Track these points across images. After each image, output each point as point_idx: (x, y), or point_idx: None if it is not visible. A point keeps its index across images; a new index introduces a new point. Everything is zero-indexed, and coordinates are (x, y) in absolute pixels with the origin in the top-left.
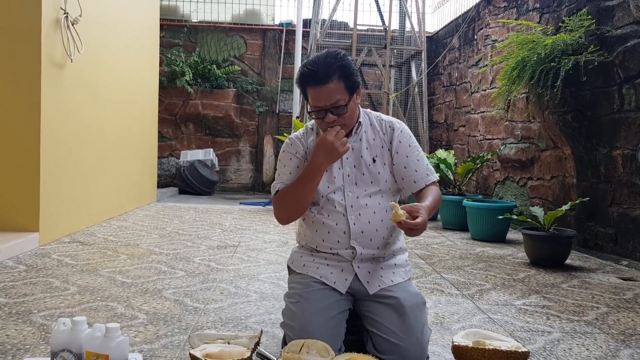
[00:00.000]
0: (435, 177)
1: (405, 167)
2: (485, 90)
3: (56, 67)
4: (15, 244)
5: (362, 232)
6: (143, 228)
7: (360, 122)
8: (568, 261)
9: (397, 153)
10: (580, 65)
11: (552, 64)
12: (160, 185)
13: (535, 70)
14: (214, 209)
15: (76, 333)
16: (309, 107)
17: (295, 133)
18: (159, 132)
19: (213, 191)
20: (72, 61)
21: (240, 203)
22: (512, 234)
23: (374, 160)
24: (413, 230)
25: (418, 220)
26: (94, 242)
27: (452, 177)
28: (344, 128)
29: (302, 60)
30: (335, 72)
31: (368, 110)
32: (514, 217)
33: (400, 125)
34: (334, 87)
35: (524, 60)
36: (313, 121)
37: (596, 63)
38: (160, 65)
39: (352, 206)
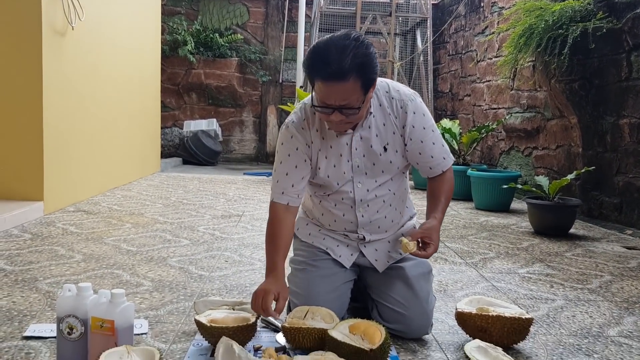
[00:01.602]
0: (452, 159)
1: (420, 153)
2: (491, 58)
3: (57, 34)
4: (20, 213)
5: (371, 222)
6: (147, 197)
7: (370, 112)
8: (572, 230)
9: (411, 139)
10: (589, 32)
11: (560, 31)
12: (164, 155)
13: (543, 37)
14: (217, 179)
15: (81, 299)
16: (314, 98)
17: (294, 119)
18: (161, 102)
19: (217, 162)
20: (73, 29)
21: (244, 173)
22: (516, 204)
23: (385, 149)
24: (430, 253)
25: (429, 250)
26: (98, 211)
27: (456, 147)
28: (350, 125)
29: (305, 29)
30: (352, 69)
31: (376, 84)
32: (519, 186)
33: (413, 104)
34: (348, 86)
35: (531, 27)
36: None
37: (605, 30)
38: (162, 33)
39: (361, 200)
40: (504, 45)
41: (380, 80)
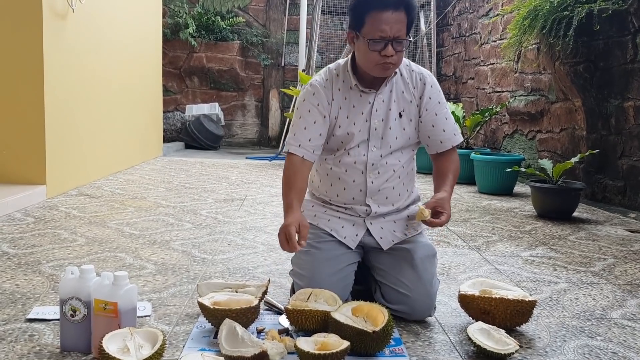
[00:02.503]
0: (461, 137)
1: (433, 126)
2: (495, 41)
3: (58, 17)
4: (22, 197)
5: (379, 191)
6: (150, 182)
7: (395, 72)
8: (575, 214)
9: (427, 110)
10: (594, 13)
11: (565, 12)
12: (166, 139)
13: (548, 19)
14: (220, 163)
15: (84, 281)
16: (362, 35)
17: (318, 79)
18: (163, 85)
19: (219, 146)
20: (73, 11)
21: (247, 158)
22: (520, 187)
23: (400, 115)
24: (444, 221)
25: (443, 218)
26: (101, 195)
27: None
28: (393, 68)
29: (307, 11)
30: (404, 2)
31: None
32: (522, 169)
33: (431, 78)
34: (402, 17)
35: (535, 9)
36: (338, 64)
37: (610, 11)
38: (164, 16)
39: (372, 164)
40: (508, 27)
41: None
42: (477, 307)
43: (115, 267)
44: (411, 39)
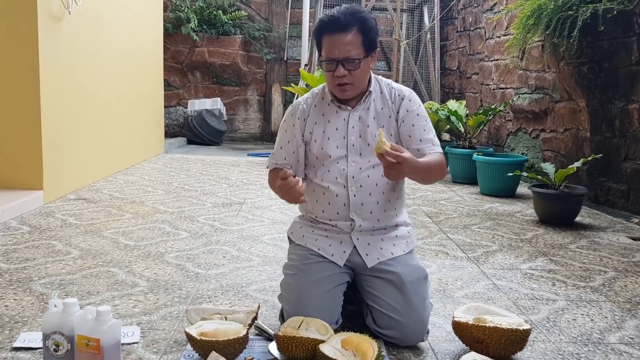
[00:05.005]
0: (441, 151)
1: (409, 136)
2: (499, 37)
3: (53, 19)
4: (19, 203)
5: (362, 204)
6: (149, 183)
7: (370, 91)
8: (578, 218)
9: (404, 122)
10: (599, 14)
11: (570, 12)
12: (169, 134)
13: (552, 18)
14: (221, 161)
15: (67, 315)
16: (321, 57)
17: (300, 99)
18: (166, 80)
19: (221, 141)
20: (70, 13)
21: (248, 154)
22: (523, 188)
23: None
24: (395, 165)
25: (405, 154)
26: (99, 199)
27: (462, 130)
28: (351, 88)
29: (310, 5)
30: (355, 23)
31: (380, 77)
32: (524, 174)
33: (411, 94)
34: (351, 38)
35: (540, 7)
36: (321, 85)
37: (615, 12)
38: (165, 10)
39: (353, 177)
40: (512, 25)
41: (383, 78)
42: (470, 335)
43: (107, 285)
44: (361, 60)
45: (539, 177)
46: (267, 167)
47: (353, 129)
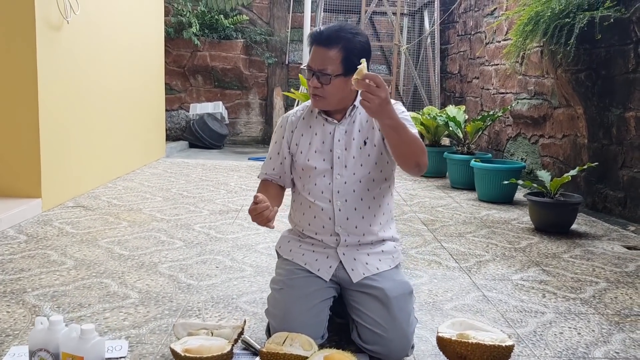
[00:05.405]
0: (425, 150)
1: None
2: (499, 41)
3: (52, 29)
4: (17, 212)
5: (347, 219)
6: (148, 189)
7: (355, 105)
8: (575, 226)
9: None
10: (596, 21)
11: (567, 19)
12: (171, 138)
13: (549, 25)
14: (221, 165)
15: (53, 333)
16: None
17: (291, 112)
18: (167, 84)
19: (223, 145)
20: (68, 23)
21: (249, 159)
22: (521, 194)
23: (365, 143)
24: (373, 89)
25: (382, 87)
26: (97, 206)
27: (461, 136)
28: (322, 101)
29: (312, 9)
30: (339, 42)
31: None
32: (519, 182)
33: (396, 103)
34: (331, 54)
35: (537, 14)
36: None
37: (612, 20)
38: (167, 15)
39: (338, 192)
40: (510, 32)
41: None
42: (453, 351)
43: (99, 296)
44: (334, 77)
45: (535, 185)
46: (258, 177)
47: (339, 142)
